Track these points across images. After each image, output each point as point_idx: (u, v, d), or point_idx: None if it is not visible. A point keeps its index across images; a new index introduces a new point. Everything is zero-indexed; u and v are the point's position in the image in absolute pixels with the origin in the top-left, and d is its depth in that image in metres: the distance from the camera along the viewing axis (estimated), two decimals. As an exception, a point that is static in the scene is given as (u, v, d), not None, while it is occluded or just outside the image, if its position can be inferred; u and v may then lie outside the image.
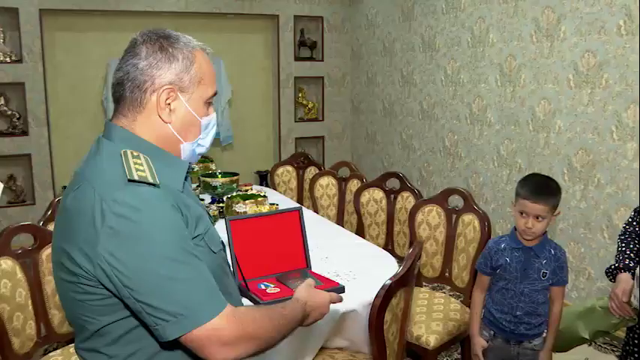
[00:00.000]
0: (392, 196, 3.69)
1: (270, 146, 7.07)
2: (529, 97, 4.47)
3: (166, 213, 1.24)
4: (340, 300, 1.69)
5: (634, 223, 2.26)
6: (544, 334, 2.32)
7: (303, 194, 4.84)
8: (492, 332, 2.36)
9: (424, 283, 3.37)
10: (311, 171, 4.87)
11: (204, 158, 4.78)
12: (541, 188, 2.22)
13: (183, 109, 1.35)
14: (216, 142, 6.48)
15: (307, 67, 6.93)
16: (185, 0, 6.09)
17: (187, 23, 6.20)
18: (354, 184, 4.13)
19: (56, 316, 2.55)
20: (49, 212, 2.99)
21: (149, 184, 1.24)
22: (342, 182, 4.29)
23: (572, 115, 4.14)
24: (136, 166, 1.26)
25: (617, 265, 2.20)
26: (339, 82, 7.10)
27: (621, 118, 3.79)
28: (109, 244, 1.19)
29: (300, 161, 5.02)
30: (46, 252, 2.52)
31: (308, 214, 3.48)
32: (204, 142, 1.44)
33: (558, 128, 4.25)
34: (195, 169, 4.52)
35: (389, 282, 1.93)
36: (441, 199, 3.20)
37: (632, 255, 2.19)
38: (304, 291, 1.57)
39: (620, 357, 2.29)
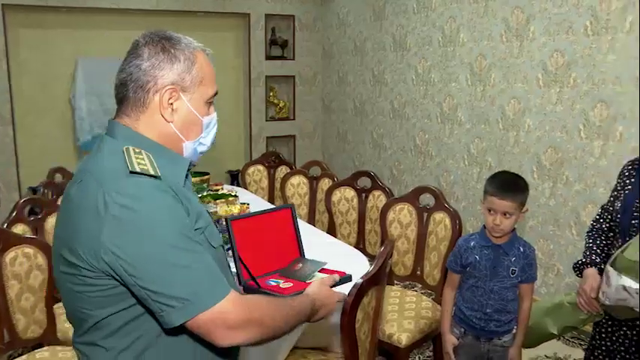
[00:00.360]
0: (363, 194, 3.69)
1: (241, 145, 7.02)
2: (499, 96, 4.50)
3: (168, 202, 1.26)
4: (345, 298, 1.72)
5: (601, 220, 2.28)
6: (514, 331, 2.33)
7: (275, 193, 4.82)
8: (463, 330, 2.37)
9: (396, 282, 3.37)
10: (282, 170, 4.85)
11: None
12: (508, 185, 2.23)
13: (185, 108, 1.38)
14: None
15: (278, 66, 6.90)
16: (155, -3, 6.03)
17: (158, 21, 6.12)
18: (325, 183, 4.12)
19: (21, 321, 2.49)
20: (14, 213, 2.92)
21: (150, 175, 1.26)
22: (314, 181, 4.27)
23: (541, 113, 4.18)
24: (138, 159, 1.28)
25: (584, 260, 2.22)
26: (311, 81, 7.08)
27: (588, 116, 3.84)
28: (112, 233, 1.20)
29: (272, 160, 4.99)
30: (9, 255, 2.46)
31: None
32: (206, 140, 1.48)
33: (528, 127, 4.29)
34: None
35: (360, 281, 1.92)
36: (412, 197, 3.21)
37: (598, 251, 2.22)
38: (315, 287, 1.62)
39: (587, 351, 2.31)
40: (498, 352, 2.29)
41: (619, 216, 2.13)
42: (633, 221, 2.05)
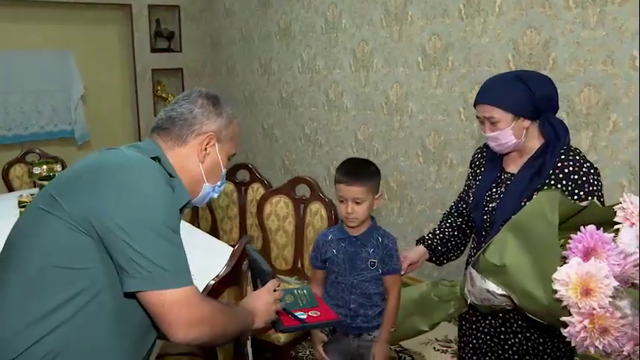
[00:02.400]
0: (242, 188, 3.55)
1: (130, 142, 6.68)
2: (382, 81, 4.47)
3: (170, 197, 1.40)
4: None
5: (453, 207, 2.28)
6: None
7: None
8: (332, 326, 2.27)
9: (278, 276, 3.27)
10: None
11: (49, 159, 4.42)
12: (355, 170, 2.14)
13: (215, 155, 1.59)
14: (71, 141, 6.09)
15: (165, 59, 6.62)
16: (28, -12, 5.64)
17: (32, 13, 5.72)
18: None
19: None
20: None
21: (169, 172, 1.46)
22: (195, 176, 4.10)
23: (423, 97, 4.18)
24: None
25: (423, 236, 2.28)
26: (200, 73, 6.85)
27: (467, 98, 3.86)
28: (118, 197, 1.32)
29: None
30: None
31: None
32: (219, 189, 1.69)
33: (411, 111, 4.28)
34: (37, 172, 4.17)
35: (212, 282, 1.80)
36: (288, 188, 3.11)
37: (437, 232, 2.25)
38: (249, 297, 1.70)
39: (459, 348, 2.27)
40: (369, 347, 2.20)
41: (472, 212, 2.08)
42: (485, 217, 2.00)
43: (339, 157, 4.94)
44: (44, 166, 4.24)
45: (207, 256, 2.53)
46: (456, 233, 2.24)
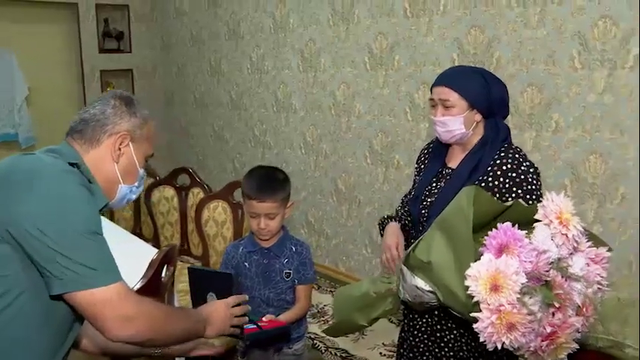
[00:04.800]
0: (183, 193, 3.44)
1: (78, 146, 6.51)
2: (330, 82, 4.41)
3: (89, 198, 1.38)
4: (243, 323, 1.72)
5: (400, 206, 2.22)
6: (304, 339, 2.19)
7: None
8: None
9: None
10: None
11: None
12: (265, 184, 2.06)
13: (130, 155, 1.57)
14: (14, 145, 5.87)
15: (115, 60, 6.46)
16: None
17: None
18: (146, 183, 3.80)
19: None
20: None
21: (87, 178, 1.44)
22: (138, 181, 3.95)
23: (370, 97, 4.12)
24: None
25: (387, 215, 2.15)
26: (150, 74, 6.70)
27: (414, 99, 3.82)
28: (37, 203, 1.29)
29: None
30: None
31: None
32: (137, 190, 1.66)
33: (358, 111, 4.22)
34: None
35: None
36: (226, 193, 3.01)
37: (402, 211, 2.15)
38: (207, 304, 1.67)
39: (397, 346, 2.22)
40: (290, 361, 2.12)
41: (411, 206, 2.03)
42: (423, 211, 1.95)
43: (289, 159, 4.87)
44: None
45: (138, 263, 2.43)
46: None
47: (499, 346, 1.30)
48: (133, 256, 2.61)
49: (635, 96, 2.79)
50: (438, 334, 1.99)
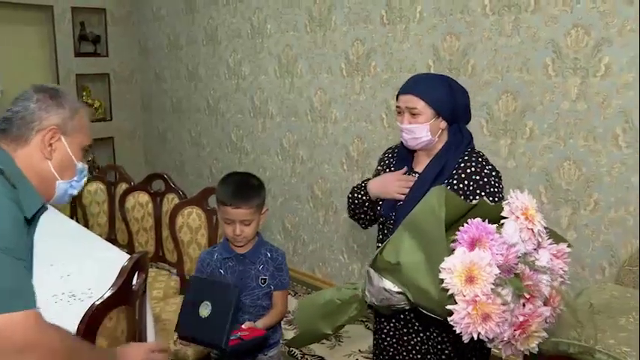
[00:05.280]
0: (158, 198, 3.40)
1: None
2: (306, 88, 4.40)
3: (13, 211, 1.30)
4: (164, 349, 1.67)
5: None
6: (279, 345, 2.19)
7: (75, 201, 4.39)
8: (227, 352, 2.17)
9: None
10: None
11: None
12: (241, 191, 2.05)
13: (63, 150, 1.52)
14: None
15: (91, 64, 6.38)
16: None
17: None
18: (121, 189, 3.77)
19: None
20: None
21: (11, 183, 1.33)
22: (111, 187, 3.91)
23: (346, 103, 4.13)
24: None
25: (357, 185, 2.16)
26: (127, 78, 6.64)
27: (390, 105, 3.83)
28: None
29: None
30: None
31: (72, 224, 3.10)
32: (78, 185, 1.61)
33: (335, 118, 4.23)
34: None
35: (96, 303, 1.67)
36: (201, 199, 2.99)
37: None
38: (128, 344, 1.62)
39: (373, 350, 2.22)
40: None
41: (381, 209, 2.05)
42: (390, 213, 1.98)
43: (266, 164, 4.85)
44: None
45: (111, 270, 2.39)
46: None
47: (475, 337, 1.31)
48: (106, 264, 2.58)
49: (608, 103, 2.82)
50: (405, 338, 2.03)
